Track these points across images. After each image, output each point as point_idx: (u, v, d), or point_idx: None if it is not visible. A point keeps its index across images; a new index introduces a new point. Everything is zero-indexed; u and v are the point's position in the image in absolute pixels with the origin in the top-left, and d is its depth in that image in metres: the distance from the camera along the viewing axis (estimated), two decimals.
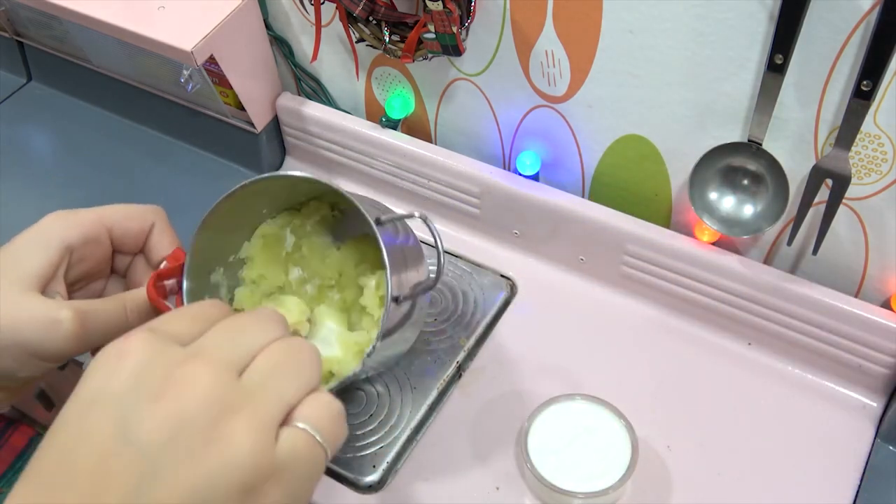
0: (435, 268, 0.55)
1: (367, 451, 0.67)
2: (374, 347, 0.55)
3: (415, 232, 0.63)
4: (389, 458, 0.67)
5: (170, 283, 0.56)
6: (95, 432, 0.35)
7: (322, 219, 0.67)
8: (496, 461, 0.66)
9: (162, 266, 0.56)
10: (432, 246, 0.56)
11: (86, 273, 0.56)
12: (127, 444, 0.34)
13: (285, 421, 0.38)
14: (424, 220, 0.56)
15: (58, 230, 0.53)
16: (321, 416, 0.39)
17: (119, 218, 0.56)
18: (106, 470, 0.34)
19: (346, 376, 0.55)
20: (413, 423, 0.68)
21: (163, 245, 0.57)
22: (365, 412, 0.69)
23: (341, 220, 0.68)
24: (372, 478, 0.65)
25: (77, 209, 0.55)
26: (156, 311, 0.54)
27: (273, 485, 0.36)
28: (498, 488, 0.64)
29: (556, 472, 0.61)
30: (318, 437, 0.38)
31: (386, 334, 0.55)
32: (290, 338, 0.40)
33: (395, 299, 0.55)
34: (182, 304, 0.56)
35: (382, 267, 0.54)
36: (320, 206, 0.67)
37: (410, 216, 0.57)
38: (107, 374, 0.36)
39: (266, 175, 0.57)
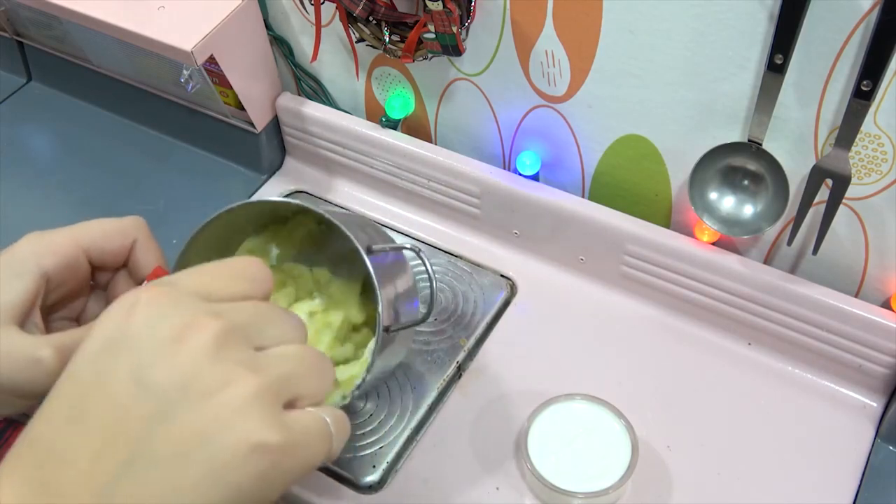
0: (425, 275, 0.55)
1: (367, 451, 0.67)
2: (363, 381, 0.55)
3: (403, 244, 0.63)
4: (389, 458, 0.67)
5: None
6: (110, 375, 0.35)
7: (308, 233, 0.65)
8: (496, 461, 0.66)
9: (144, 285, 0.54)
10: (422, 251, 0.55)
11: (64, 296, 0.53)
12: (140, 386, 0.34)
13: (294, 405, 0.38)
14: (417, 253, 0.56)
15: (33, 257, 0.50)
16: (330, 410, 0.39)
17: (96, 237, 0.53)
18: (120, 412, 0.34)
19: (335, 403, 0.56)
20: (413, 423, 0.68)
21: (147, 260, 0.54)
22: (365, 412, 0.69)
23: (327, 233, 0.65)
24: (372, 478, 0.65)
25: (52, 231, 0.52)
26: None
27: (284, 457, 0.36)
28: (498, 488, 0.64)
29: (556, 472, 0.61)
30: (328, 422, 0.39)
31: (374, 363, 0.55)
32: (312, 347, 0.40)
33: (386, 329, 0.55)
34: None
35: (374, 301, 0.54)
36: (306, 220, 0.64)
37: (402, 248, 0.57)
38: (121, 321, 0.36)
39: (254, 200, 0.55)
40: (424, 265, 0.56)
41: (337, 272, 0.64)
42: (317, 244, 0.66)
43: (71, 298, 0.54)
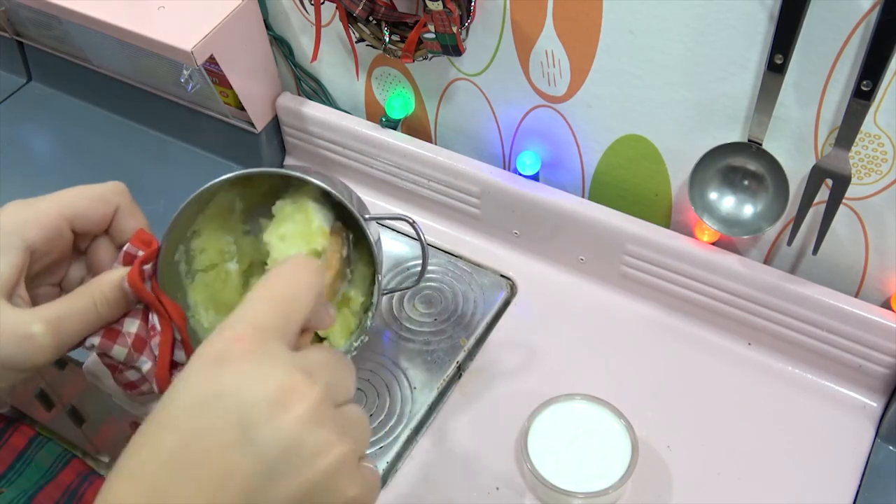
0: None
1: (367, 451, 0.67)
2: (361, 343, 0.58)
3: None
4: (389, 458, 0.67)
5: (146, 267, 0.55)
6: (217, 428, 0.37)
7: (271, 187, 0.65)
8: (496, 461, 0.66)
9: (126, 248, 0.54)
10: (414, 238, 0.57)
11: (48, 265, 0.54)
12: (250, 443, 0.36)
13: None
14: (412, 224, 0.58)
15: (17, 231, 0.51)
16: (378, 474, 0.44)
17: (81, 206, 0.53)
18: (231, 466, 0.36)
19: None
20: (413, 423, 0.68)
21: (130, 226, 0.55)
22: (365, 412, 0.69)
23: (286, 186, 0.65)
24: None
25: (35, 200, 0.52)
26: (128, 294, 0.53)
27: None
28: (498, 488, 0.64)
29: (556, 472, 0.61)
30: (379, 477, 0.44)
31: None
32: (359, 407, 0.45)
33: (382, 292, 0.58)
34: (158, 288, 0.54)
35: (375, 265, 0.57)
36: (271, 177, 0.64)
37: (398, 217, 0.59)
38: (214, 376, 0.38)
39: (240, 173, 0.57)
40: (418, 235, 0.59)
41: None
42: (279, 196, 0.66)
43: (54, 265, 0.55)
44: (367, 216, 0.58)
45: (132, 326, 0.53)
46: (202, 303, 0.60)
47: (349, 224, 0.60)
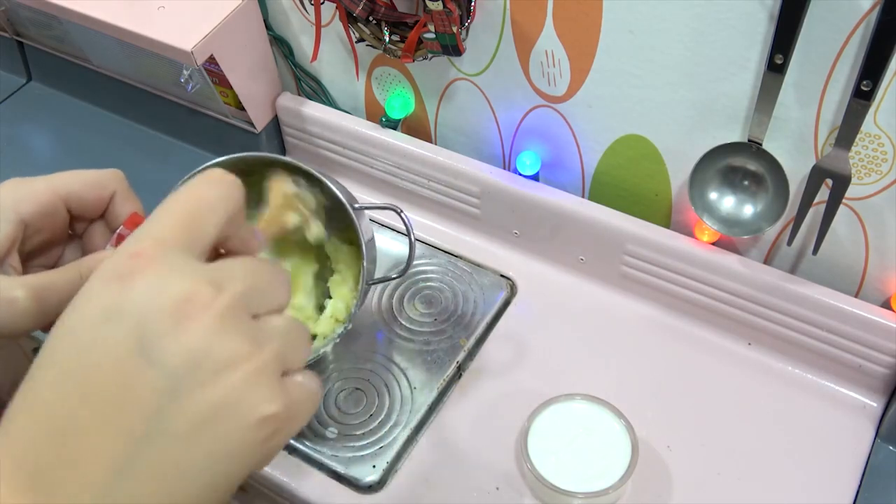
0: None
1: (367, 451, 0.67)
2: (345, 330, 0.61)
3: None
4: (389, 458, 0.67)
5: None
6: (115, 347, 0.35)
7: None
8: (496, 461, 0.66)
9: (119, 231, 0.55)
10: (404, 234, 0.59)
11: (42, 244, 0.55)
12: (149, 363, 0.34)
13: (286, 373, 0.40)
14: (399, 212, 0.61)
15: (11, 204, 0.52)
16: (319, 388, 0.41)
17: (76, 188, 0.54)
18: (127, 387, 0.34)
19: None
20: (413, 423, 0.68)
21: (125, 212, 0.56)
22: (365, 412, 0.69)
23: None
24: (372, 478, 0.65)
25: (32, 179, 0.53)
26: None
27: (286, 423, 0.38)
28: (498, 488, 0.64)
29: (556, 472, 0.61)
30: (317, 384, 0.41)
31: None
32: (293, 317, 0.42)
33: (369, 283, 0.61)
34: None
35: (360, 254, 0.60)
36: (269, 172, 0.64)
37: (385, 207, 0.62)
38: (117, 289, 0.36)
39: (227, 157, 0.60)
40: (405, 222, 0.61)
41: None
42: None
43: (49, 246, 0.56)
44: (355, 205, 0.60)
45: None
46: None
47: (339, 216, 0.61)
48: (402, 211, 0.61)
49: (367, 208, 0.61)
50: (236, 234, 0.42)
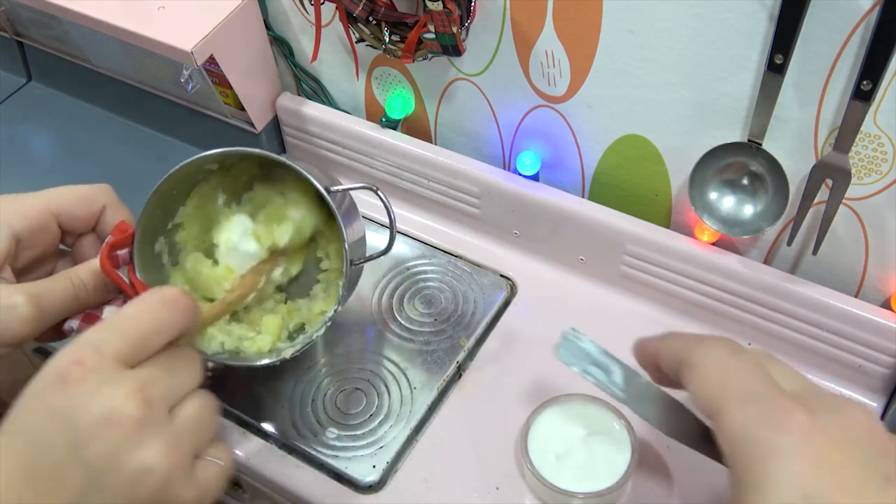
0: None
1: (367, 451, 0.67)
2: (335, 312, 0.62)
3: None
4: (389, 458, 0.67)
5: (122, 252, 0.57)
6: (52, 446, 0.43)
7: (251, 178, 0.68)
8: (496, 461, 0.66)
9: (108, 240, 0.56)
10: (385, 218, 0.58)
11: (34, 259, 0.57)
12: (77, 461, 0.42)
13: (199, 456, 0.48)
14: (375, 191, 0.62)
15: (3, 219, 0.54)
16: (228, 457, 0.49)
17: (67, 204, 0.57)
18: (60, 478, 0.42)
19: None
20: (413, 423, 0.68)
21: (114, 222, 0.58)
22: (365, 412, 0.69)
23: (269, 177, 0.69)
24: (372, 478, 0.65)
25: (24, 195, 0.56)
26: (107, 282, 0.55)
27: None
28: (498, 488, 0.64)
29: (556, 472, 0.61)
30: (223, 467, 0.49)
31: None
32: (204, 393, 0.49)
33: (351, 263, 0.62)
34: (134, 274, 0.57)
35: (340, 238, 0.61)
36: (250, 167, 0.68)
37: (360, 188, 0.63)
38: (63, 389, 0.43)
39: (204, 154, 0.60)
40: (383, 202, 0.62)
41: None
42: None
43: (40, 261, 0.58)
44: (332, 188, 0.61)
45: (111, 313, 0.55)
46: None
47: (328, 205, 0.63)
48: (378, 189, 0.62)
49: (342, 189, 0.62)
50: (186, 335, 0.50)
